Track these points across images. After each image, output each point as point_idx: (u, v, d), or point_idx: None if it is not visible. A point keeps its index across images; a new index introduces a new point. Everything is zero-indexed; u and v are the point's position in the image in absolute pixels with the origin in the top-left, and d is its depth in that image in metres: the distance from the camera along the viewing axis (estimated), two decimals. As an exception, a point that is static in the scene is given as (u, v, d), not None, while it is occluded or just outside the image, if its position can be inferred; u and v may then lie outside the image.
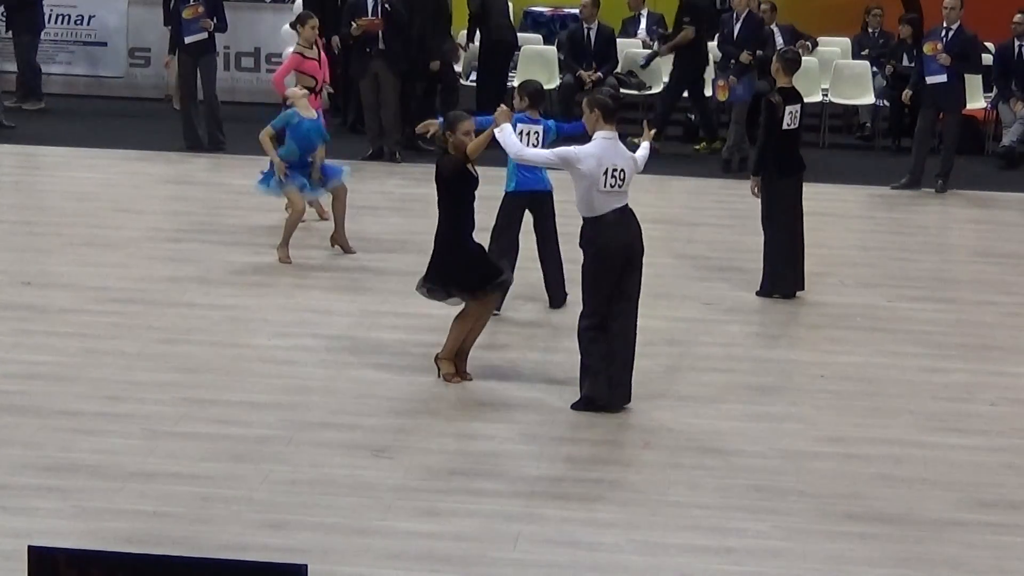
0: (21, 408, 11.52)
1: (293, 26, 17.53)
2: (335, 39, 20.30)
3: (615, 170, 11.48)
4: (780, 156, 14.72)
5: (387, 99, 20.09)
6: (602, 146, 11.56)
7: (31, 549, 6.94)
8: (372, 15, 19.84)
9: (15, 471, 10.43)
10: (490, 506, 10.13)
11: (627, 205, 11.61)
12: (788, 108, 14.71)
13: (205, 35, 20.31)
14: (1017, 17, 21.76)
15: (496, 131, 11.87)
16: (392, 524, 9.82)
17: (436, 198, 12.20)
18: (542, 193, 13.99)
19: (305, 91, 15.99)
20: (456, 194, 12.08)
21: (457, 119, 12.18)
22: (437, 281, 12.15)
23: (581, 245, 11.71)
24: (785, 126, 14.68)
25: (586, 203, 11.55)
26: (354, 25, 19.74)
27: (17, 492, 10.11)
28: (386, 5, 19.99)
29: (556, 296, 14.25)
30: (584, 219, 11.63)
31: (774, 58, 15.48)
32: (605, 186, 11.44)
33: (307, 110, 15.61)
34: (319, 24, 17.48)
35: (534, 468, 10.79)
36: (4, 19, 22.79)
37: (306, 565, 6.75)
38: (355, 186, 16.75)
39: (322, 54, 17.27)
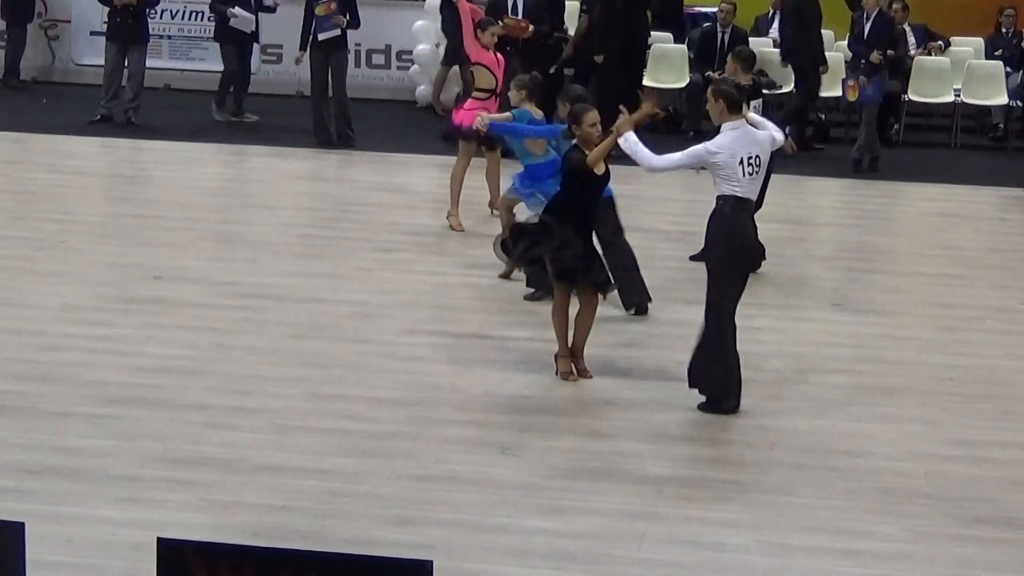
0: (152, 401, 11.64)
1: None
2: None
3: (750, 157, 11.45)
4: None
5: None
6: (732, 136, 11.46)
7: (160, 541, 7.02)
8: (512, 14, 19.75)
9: (146, 464, 10.55)
10: (614, 505, 10.13)
11: (751, 201, 11.57)
12: (752, 103, 14.77)
13: (338, 32, 20.44)
14: None
15: (620, 142, 11.76)
16: (517, 521, 9.84)
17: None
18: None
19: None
20: (570, 188, 12.12)
21: (582, 112, 12.19)
22: (523, 249, 12.26)
23: (708, 238, 11.67)
24: None
25: (719, 184, 11.50)
26: (500, 24, 19.56)
27: (147, 484, 10.22)
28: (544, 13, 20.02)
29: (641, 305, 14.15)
30: (717, 198, 11.55)
31: (729, 58, 15.49)
32: (744, 176, 11.42)
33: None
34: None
35: (657, 467, 10.78)
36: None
37: (432, 561, 6.79)
38: (481, 182, 16.86)
39: (500, 57, 17.06)
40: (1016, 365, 13.13)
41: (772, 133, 11.81)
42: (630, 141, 11.64)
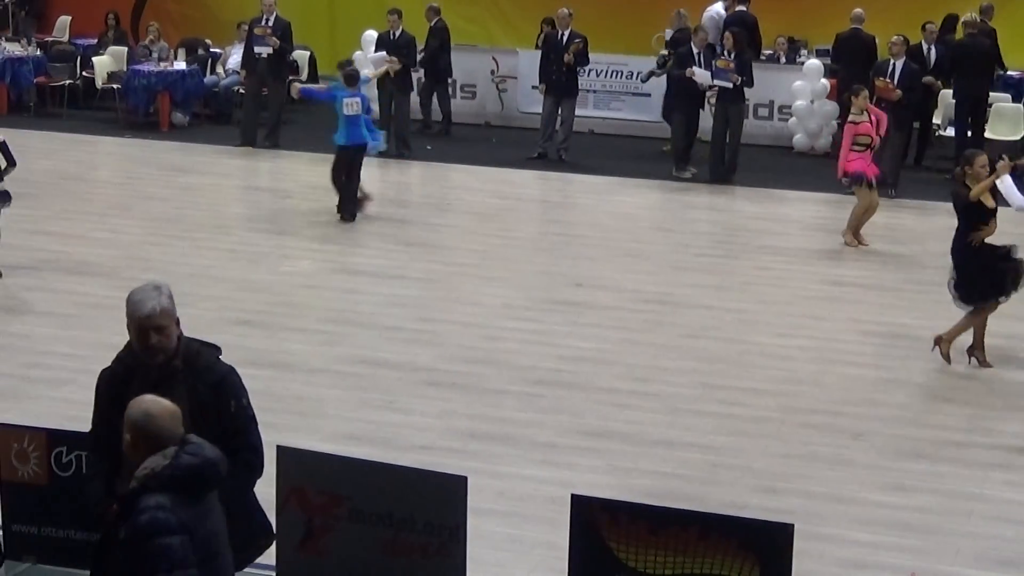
0: (570, 384, 11.80)
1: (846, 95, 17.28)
2: None
3: None
4: None
5: (893, 146, 19.68)
6: None
7: (574, 496, 7.13)
8: (888, 78, 19.29)
9: (563, 434, 10.70)
10: (949, 485, 9.90)
11: None
12: None
13: (730, 86, 20.28)
14: None
15: (997, 182, 11.61)
16: (865, 495, 9.71)
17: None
18: (361, 147, 17.13)
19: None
20: (965, 219, 11.95)
21: (973, 155, 12.06)
22: (963, 290, 12.05)
23: None
24: None
25: None
26: (878, 83, 19.10)
27: (564, 451, 10.36)
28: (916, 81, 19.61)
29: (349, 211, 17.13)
30: None
31: None
32: None
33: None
34: None
35: (986, 456, 10.49)
36: None
37: (793, 525, 6.75)
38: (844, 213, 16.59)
39: (872, 116, 16.84)
40: None
41: None
42: (1006, 183, 11.50)
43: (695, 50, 20.59)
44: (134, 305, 6.46)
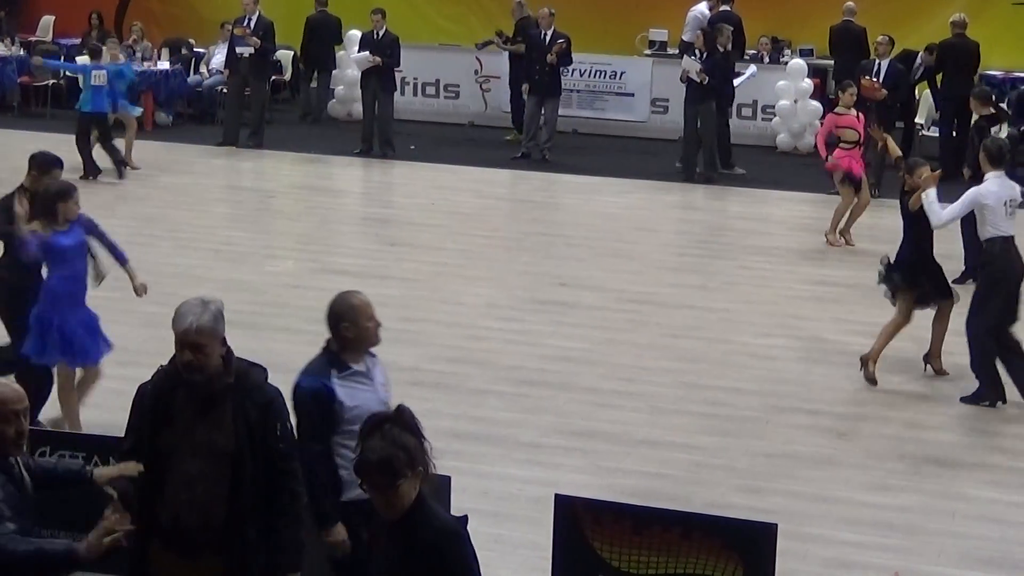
0: (554, 384, 11.78)
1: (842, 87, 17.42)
2: None
3: (1010, 200, 11.45)
4: None
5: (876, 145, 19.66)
6: (997, 184, 11.49)
7: (557, 496, 7.11)
8: (874, 77, 19.33)
9: (547, 434, 10.68)
10: (932, 485, 9.91)
11: (1012, 236, 11.50)
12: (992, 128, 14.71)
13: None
14: None
15: (923, 195, 11.60)
16: (849, 495, 9.70)
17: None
18: (103, 114, 19.13)
19: None
20: (909, 221, 11.97)
21: (915, 165, 12.03)
22: (901, 283, 12.00)
23: (981, 264, 11.78)
24: None
25: (986, 227, 11.48)
26: (863, 81, 19.17)
27: (548, 450, 10.35)
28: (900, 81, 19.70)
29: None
30: (985, 241, 11.55)
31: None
32: (1006, 216, 11.41)
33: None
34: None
35: (969, 456, 10.50)
36: None
37: (776, 524, 6.74)
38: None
39: (860, 114, 16.95)
40: None
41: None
42: (929, 197, 11.53)
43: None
44: (175, 318, 6.37)
